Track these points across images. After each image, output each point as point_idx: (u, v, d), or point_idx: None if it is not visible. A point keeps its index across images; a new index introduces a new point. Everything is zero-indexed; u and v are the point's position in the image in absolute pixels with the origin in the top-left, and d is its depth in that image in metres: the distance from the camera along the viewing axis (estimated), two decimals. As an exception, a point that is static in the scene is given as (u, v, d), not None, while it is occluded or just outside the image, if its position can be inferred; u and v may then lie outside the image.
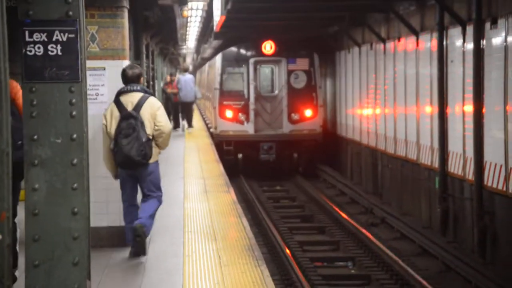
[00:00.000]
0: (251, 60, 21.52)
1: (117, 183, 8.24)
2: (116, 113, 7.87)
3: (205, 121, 26.88)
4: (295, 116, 21.35)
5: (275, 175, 21.20)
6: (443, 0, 13.53)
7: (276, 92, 21.58)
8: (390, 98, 17.59)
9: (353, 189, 18.98)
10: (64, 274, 4.76)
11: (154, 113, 7.90)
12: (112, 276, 7.33)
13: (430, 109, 14.77)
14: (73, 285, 4.74)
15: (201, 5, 27.72)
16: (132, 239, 7.81)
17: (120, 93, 7.97)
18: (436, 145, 14.31)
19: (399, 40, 16.78)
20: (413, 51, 15.83)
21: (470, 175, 12.70)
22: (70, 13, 4.56)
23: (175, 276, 7.22)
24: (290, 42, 21.98)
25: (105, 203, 8.48)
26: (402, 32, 16.55)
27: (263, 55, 21.55)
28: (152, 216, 8.02)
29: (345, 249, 13.92)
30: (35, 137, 4.72)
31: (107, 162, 8.05)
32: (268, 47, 21.55)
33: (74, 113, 4.71)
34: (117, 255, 8.13)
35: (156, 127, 7.90)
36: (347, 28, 20.34)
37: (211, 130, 23.23)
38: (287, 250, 12.95)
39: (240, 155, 21.24)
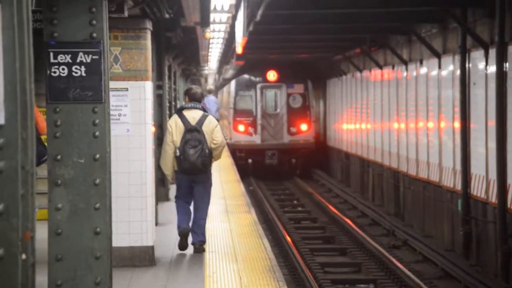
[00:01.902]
0: (258, 85, 27.23)
1: (137, 204, 8.31)
2: (181, 125, 9.23)
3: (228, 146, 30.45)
4: (293, 129, 26.94)
5: (277, 175, 26.55)
6: (466, 23, 13.52)
7: (278, 110, 27.16)
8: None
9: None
10: (86, 294, 4.78)
11: (212, 129, 9.29)
12: (133, 296, 7.34)
13: (450, 129, 14.72)
14: (94, 304, 4.76)
15: (223, 27, 27.94)
16: (194, 249, 9.26)
17: (183, 108, 9.42)
18: (458, 167, 14.24)
19: (421, 63, 16.77)
20: (435, 74, 15.81)
21: (493, 198, 12.61)
22: (94, 35, 4.62)
23: (196, 297, 7.22)
24: (289, 70, 27.37)
25: (126, 223, 8.52)
26: (424, 55, 16.54)
27: (267, 81, 27.23)
28: (203, 227, 9.48)
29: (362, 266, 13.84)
30: (59, 157, 4.77)
31: (167, 166, 9.36)
32: (272, 75, 27.17)
33: (97, 133, 4.76)
34: (138, 275, 8.15)
35: (214, 142, 9.28)
36: (368, 50, 20.37)
37: (227, 140, 27.29)
38: (309, 273, 12.91)
39: (250, 160, 26.60)
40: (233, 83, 28.10)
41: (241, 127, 26.89)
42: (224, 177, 18.95)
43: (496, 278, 12.29)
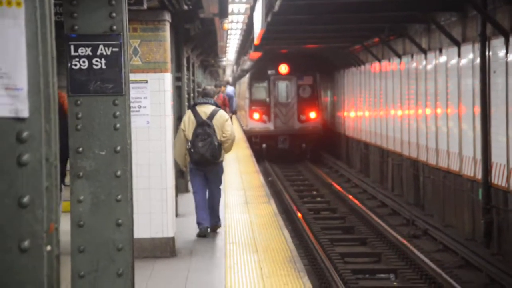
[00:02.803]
0: (272, 78, 29.58)
1: (158, 195, 8.35)
2: (193, 119, 9.90)
3: (241, 126, 34.22)
4: (303, 117, 29.42)
5: (289, 159, 28.94)
6: (486, 10, 13.42)
7: (289, 100, 29.58)
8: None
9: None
10: (109, 285, 4.81)
11: (223, 123, 9.94)
12: None
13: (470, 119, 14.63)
14: (117, 295, 4.79)
15: (241, 18, 27.87)
16: (201, 232, 9.88)
17: (196, 104, 10.12)
18: (478, 156, 14.17)
19: (440, 51, 16.68)
20: (454, 62, 15.72)
21: (514, 186, 12.54)
22: (114, 27, 4.63)
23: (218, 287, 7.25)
24: (299, 64, 29.66)
25: (147, 215, 8.57)
26: (443, 43, 16.44)
27: (280, 74, 29.59)
28: (217, 210, 10.19)
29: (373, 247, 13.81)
30: (80, 149, 4.79)
31: (180, 158, 9.99)
32: (283, 68, 29.53)
33: (118, 125, 4.78)
34: (160, 266, 8.19)
35: (224, 135, 9.90)
36: (387, 39, 20.28)
37: (244, 128, 31.62)
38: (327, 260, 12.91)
39: (264, 145, 29.19)
40: (248, 75, 30.85)
41: (256, 115, 29.42)
42: (243, 168, 18.97)
43: (517, 267, 12.24)
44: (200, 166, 9.95)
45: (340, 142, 30.10)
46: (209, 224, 9.98)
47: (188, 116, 10.04)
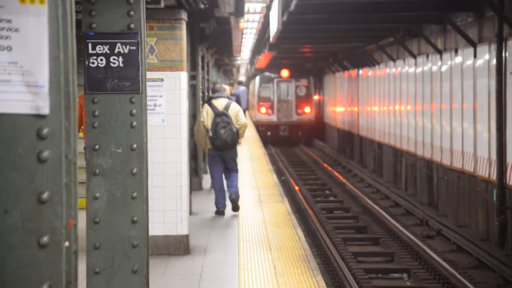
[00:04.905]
0: (275, 80, 37.56)
1: (172, 193, 8.39)
2: (211, 112, 11.42)
3: (251, 118, 40.72)
4: (299, 111, 37.18)
5: (288, 143, 36.67)
6: (503, 11, 13.37)
7: (289, 97, 37.38)
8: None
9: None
10: (124, 282, 4.85)
11: (236, 113, 11.55)
12: (169, 285, 7.42)
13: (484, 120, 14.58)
14: (132, 292, 4.83)
15: (257, 17, 27.91)
16: (232, 205, 11.69)
17: (211, 98, 11.64)
18: (494, 156, 14.13)
19: (456, 52, 16.63)
20: (470, 63, 15.67)
21: (528, 187, 12.50)
22: (132, 26, 4.67)
23: (231, 285, 7.27)
24: (297, 69, 37.65)
25: (162, 212, 8.61)
26: (459, 44, 16.40)
27: (281, 77, 37.48)
28: (236, 185, 11.75)
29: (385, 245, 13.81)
30: (97, 147, 4.83)
31: (200, 142, 11.71)
32: (285, 72, 37.44)
33: (134, 123, 4.81)
34: (173, 264, 8.23)
35: (239, 122, 11.52)
36: (402, 39, 20.25)
37: (253, 119, 39.36)
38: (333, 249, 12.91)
39: (268, 133, 36.95)
40: (257, 78, 38.75)
41: (263, 110, 37.40)
42: (256, 167, 19.00)
43: (531, 269, 12.20)
44: (220, 151, 11.48)
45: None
46: (225, 207, 11.61)
47: (206, 110, 11.50)
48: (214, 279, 7.54)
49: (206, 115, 11.47)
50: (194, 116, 14.03)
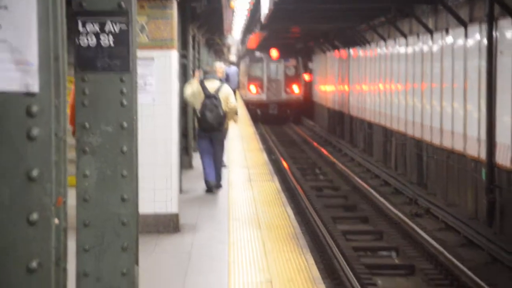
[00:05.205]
0: (265, 60, 38.57)
1: (162, 172, 8.42)
2: (202, 93, 11.53)
3: (241, 97, 41.77)
4: (288, 90, 38.36)
5: (277, 121, 37.96)
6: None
7: (278, 77, 38.46)
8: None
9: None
10: (114, 259, 4.87)
11: (227, 96, 11.63)
12: (159, 262, 7.47)
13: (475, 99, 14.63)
14: (122, 269, 4.85)
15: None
16: (210, 188, 11.75)
17: (204, 78, 11.74)
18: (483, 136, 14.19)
19: (447, 32, 16.64)
20: (461, 42, 15.69)
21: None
22: (122, 4, 4.66)
23: (221, 263, 7.33)
24: (286, 50, 38.40)
25: (152, 191, 8.64)
26: (450, 24, 16.41)
27: (271, 57, 38.51)
28: (219, 176, 11.86)
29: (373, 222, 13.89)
30: (87, 125, 4.84)
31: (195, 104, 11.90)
32: (274, 53, 38.48)
33: (124, 102, 4.81)
34: (163, 242, 8.28)
35: (229, 105, 11.62)
36: (393, 19, 20.24)
37: (243, 98, 40.52)
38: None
39: (258, 111, 37.96)
40: (247, 58, 40.23)
41: (253, 89, 38.38)
42: (246, 146, 19.04)
43: (519, 247, 12.31)
44: (207, 132, 11.66)
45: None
46: (214, 180, 11.72)
47: (197, 87, 11.68)
48: (204, 257, 7.59)
49: (196, 94, 11.64)
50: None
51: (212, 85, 11.65)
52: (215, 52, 46.84)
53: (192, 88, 11.82)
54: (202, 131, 11.75)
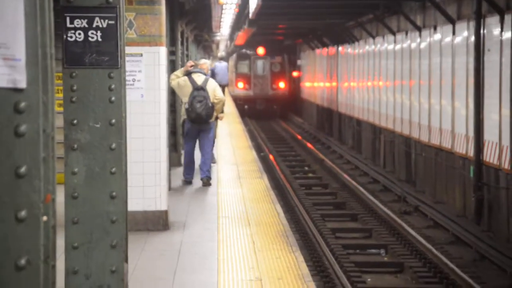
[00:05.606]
0: (252, 57, 39.60)
1: (151, 169, 8.38)
2: (189, 85, 11.88)
3: (229, 93, 42.13)
4: (274, 86, 39.44)
5: (264, 116, 38.94)
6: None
7: (265, 73, 39.57)
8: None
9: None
10: (103, 256, 4.85)
11: (214, 88, 12.03)
12: (148, 260, 7.44)
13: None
14: (111, 267, 4.83)
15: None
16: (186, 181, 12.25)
17: (191, 72, 12.02)
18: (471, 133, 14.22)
19: (435, 29, 16.67)
20: (449, 40, 15.72)
21: (506, 164, 12.62)
22: (110, 0, 4.63)
23: (210, 260, 7.30)
24: (272, 47, 39.82)
25: (141, 188, 8.60)
26: (438, 21, 16.43)
27: (258, 54, 39.60)
28: (209, 169, 12.09)
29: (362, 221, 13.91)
30: (75, 121, 4.80)
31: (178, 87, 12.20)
32: (261, 50, 39.56)
33: (113, 98, 4.79)
34: (153, 239, 8.24)
35: (216, 98, 11.98)
36: (382, 16, 20.26)
37: (231, 93, 41.21)
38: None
39: (246, 106, 38.93)
40: (235, 55, 41.00)
41: (240, 84, 39.43)
42: (235, 143, 19.01)
43: (508, 244, 12.35)
44: (195, 124, 11.95)
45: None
46: (193, 178, 12.19)
47: (184, 79, 11.97)
48: (193, 255, 7.56)
49: (184, 86, 11.95)
50: (173, 92, 13.99)
51: (199, 78, 12.00)
52: (204, 49, 46.80)
53: (179, 80, 12.06)
54: (191, 123, 11.99)
